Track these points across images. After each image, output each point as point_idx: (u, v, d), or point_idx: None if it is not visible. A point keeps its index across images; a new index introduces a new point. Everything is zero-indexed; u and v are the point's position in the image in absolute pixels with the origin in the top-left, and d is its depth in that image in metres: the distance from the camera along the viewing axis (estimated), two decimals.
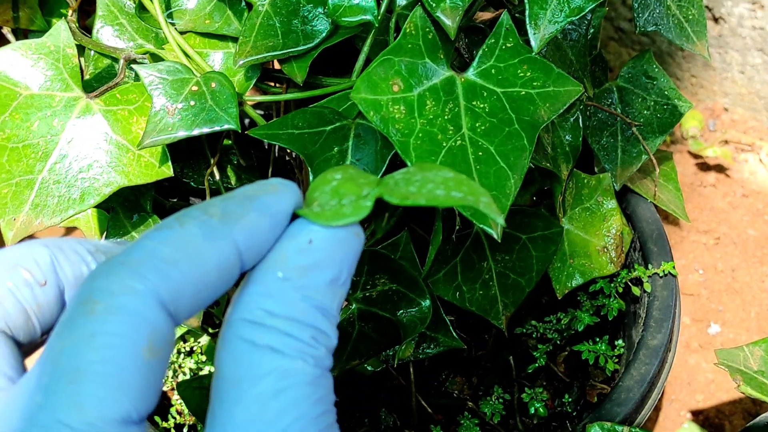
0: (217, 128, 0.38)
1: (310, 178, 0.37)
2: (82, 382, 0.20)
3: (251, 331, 0.23)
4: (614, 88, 0.60)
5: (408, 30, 0.36)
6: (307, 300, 0.24)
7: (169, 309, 0.22)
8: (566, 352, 0.59)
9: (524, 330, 0.59)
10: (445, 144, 0.35)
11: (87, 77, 0.44)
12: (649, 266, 0.57)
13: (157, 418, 0.56)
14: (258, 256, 0.25)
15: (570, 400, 0.55)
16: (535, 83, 0.36)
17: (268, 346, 0.23)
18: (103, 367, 0.21)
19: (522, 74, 0.36)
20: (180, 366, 0.60)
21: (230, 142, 0.50)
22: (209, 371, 0.58)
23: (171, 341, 0.22)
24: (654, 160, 0.60)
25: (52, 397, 0.20)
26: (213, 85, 0.38)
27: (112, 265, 0.22)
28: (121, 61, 0.42)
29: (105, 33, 0.45)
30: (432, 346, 0.46)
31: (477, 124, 0.36)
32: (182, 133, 0.38)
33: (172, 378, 0.60)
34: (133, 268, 0.22)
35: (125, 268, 0.22)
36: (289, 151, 0.50)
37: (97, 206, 0.40)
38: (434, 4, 0.36)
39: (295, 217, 0.26)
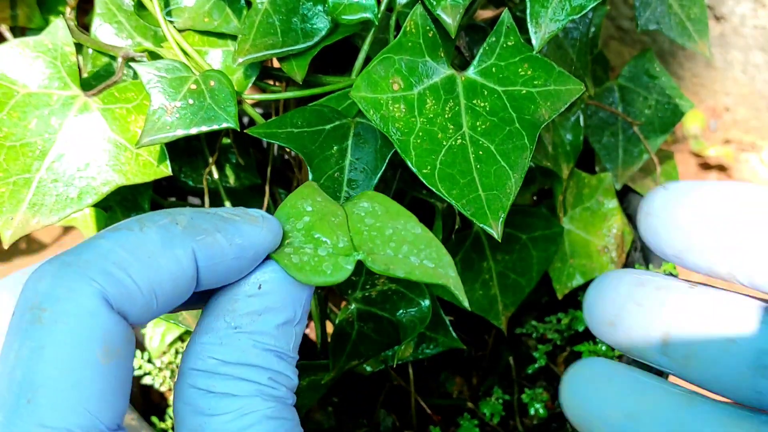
0: (215, 127, 0.37)
1: (309, 177, 0.37)
2: (39, 399, 0.19)
3: (205, 381, 0.23)
4: (615, 87, 0.60)
5: (408, 28, 0.35)
6: (258, 345, 0.23)
7: (119, 311, 0.21)
8: (566, 353, 0.59)
9: (524, 330, 0.59)
10: (445, 143, 0.35)
11: (85, 75, 0.44)
12: (650, 266, 0.56)
13: (154, 419, 0.55)
14: (215, 281, 0.23)
15: None
16: (536, 82, 0.36)
17: (225, 393, 0.22)
18: (59, 380, 0.19)
19: (523, 73, 0.36)
20: (177, 366, 0.60)
21: (229, 140, 0.50)
22: None
23: (128, 340, 0.21)
24: (655, 160, 0.60)
25: (12, 417, 0.19)
26: (212, 83, 0.38)
27: (58, 266, 0.20)
28: (120, 60, 0.42)
29: (103, 31, 0.44)
30: (431, 347, 0.46)
31: (477, 123, 0.36)
32: (181, 132, 0.37)
33: (170, 378, 0.59)
34: (81, 270, 0.20)
35: (72, 269, 0.20)
36: (288, 149, 0.50)
37: (95, 205, 0.40)
38: (435, 2, 0.36)
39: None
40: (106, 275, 0.20)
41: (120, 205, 0.45)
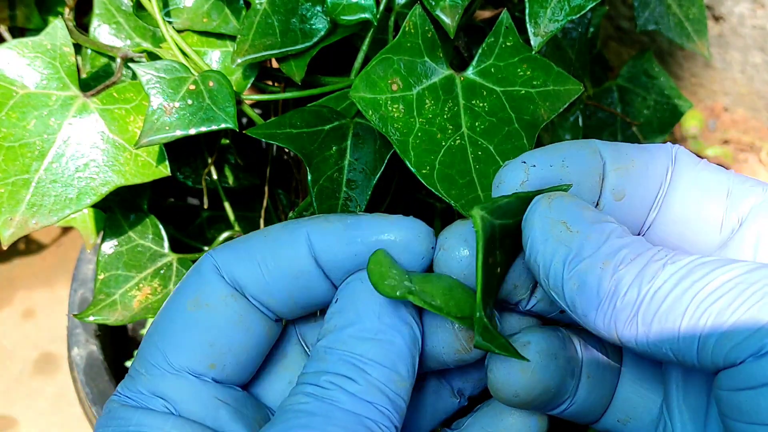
0: (214, 127, 0.38)
1: (308, 177, 0.37)
2: (150, 335, 0.25)
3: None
4: (614, 88, 0.60)
5: (407, 29, 0.35)
6: (332, 353, 0.24)
7: (225, 277, 0.25)
8: None
9: None
10: (444, 143, 0.35)
11: (84, 76, 0.44)
12: None
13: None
14: (336, 268, 0.25)
15: None
16: (534, 82, 0.36)
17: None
18: (158, 319, 0.25)
19: (522, 73, 0.36)
20: None
21: (228, 141, 0.50)
22: None
23: (227, 299, 0.25)
24: None
25: (144, 344, 0.26)
26: (211, 83, 0.38)
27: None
28: (119, 60, 0.42)
29: (102, 31, 0.44)
30: None
31: (476, 123, 0.36)
32: (179, 133, 0.37)
33: None
34: (214, 251, 0.26)
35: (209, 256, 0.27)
36: (287, 150, 0.50)
37: (94, 205, 0.40)
38: (434, 3, 0.36)
39: None
40: (224, 248, 0.26)
41: (119, 205, 0.45)
